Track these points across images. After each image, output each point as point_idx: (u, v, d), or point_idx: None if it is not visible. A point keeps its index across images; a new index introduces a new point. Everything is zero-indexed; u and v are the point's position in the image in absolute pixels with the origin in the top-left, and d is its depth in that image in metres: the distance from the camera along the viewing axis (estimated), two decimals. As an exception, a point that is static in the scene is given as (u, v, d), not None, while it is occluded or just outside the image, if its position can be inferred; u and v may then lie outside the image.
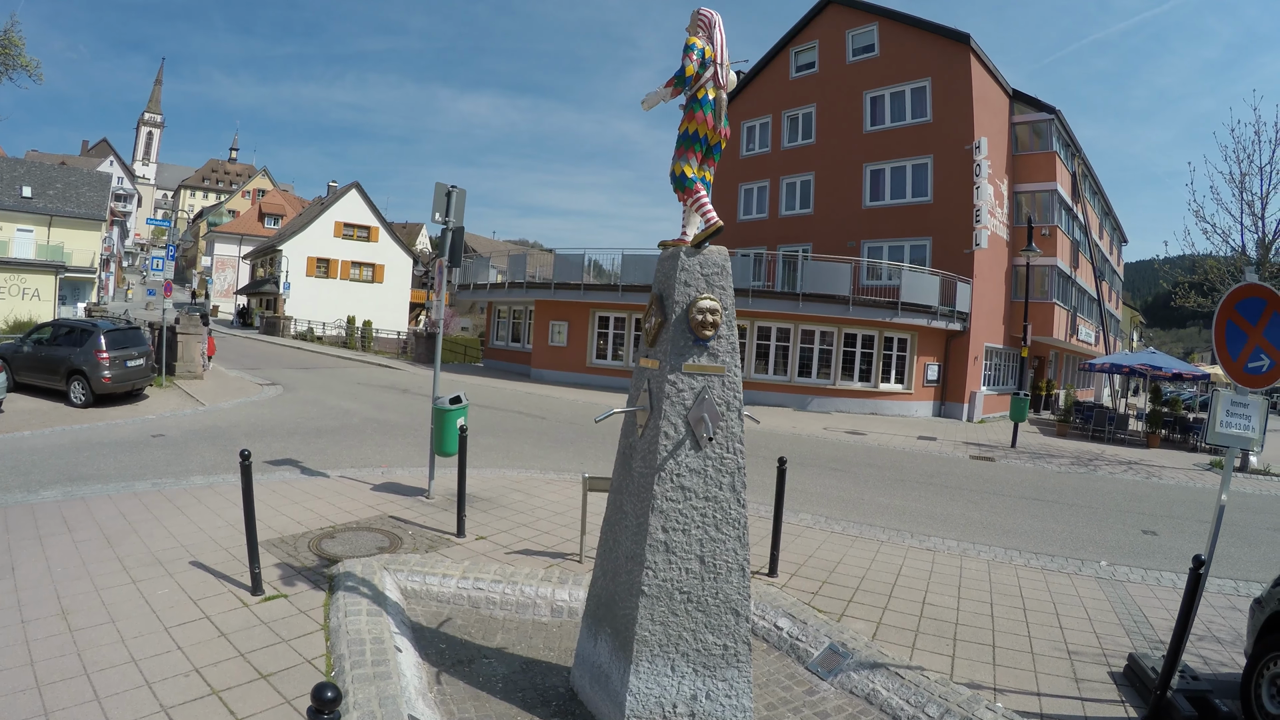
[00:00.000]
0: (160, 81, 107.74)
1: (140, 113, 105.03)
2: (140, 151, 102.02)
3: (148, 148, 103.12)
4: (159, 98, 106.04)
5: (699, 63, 3.52)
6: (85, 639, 4.08)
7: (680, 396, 3.54)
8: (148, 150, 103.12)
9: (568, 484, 9.00)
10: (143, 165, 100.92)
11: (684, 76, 3.52)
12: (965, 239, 22.95)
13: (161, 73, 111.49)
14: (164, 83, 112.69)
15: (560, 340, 24.83)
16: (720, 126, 3.61)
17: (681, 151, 3.63)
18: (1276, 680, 4.07)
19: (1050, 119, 25.93)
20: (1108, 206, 38.73)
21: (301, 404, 15.10)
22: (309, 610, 4.63)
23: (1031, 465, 14.45)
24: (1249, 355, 4.37)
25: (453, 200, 7.89)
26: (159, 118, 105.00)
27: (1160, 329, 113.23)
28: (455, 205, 7.94)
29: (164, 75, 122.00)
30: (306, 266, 48.93)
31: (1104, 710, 4.34)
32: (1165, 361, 20.61)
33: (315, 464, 9.10)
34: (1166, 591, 6.71)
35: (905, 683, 4.41)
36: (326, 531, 6.33)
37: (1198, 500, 12.02)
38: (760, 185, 29.84)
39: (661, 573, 3.52)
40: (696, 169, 3.65)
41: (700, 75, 3.54)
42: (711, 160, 3.69)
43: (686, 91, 3.59)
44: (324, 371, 23.05)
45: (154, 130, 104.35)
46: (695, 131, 3.57)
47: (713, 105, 3.56)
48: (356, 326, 37.92)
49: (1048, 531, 8.82)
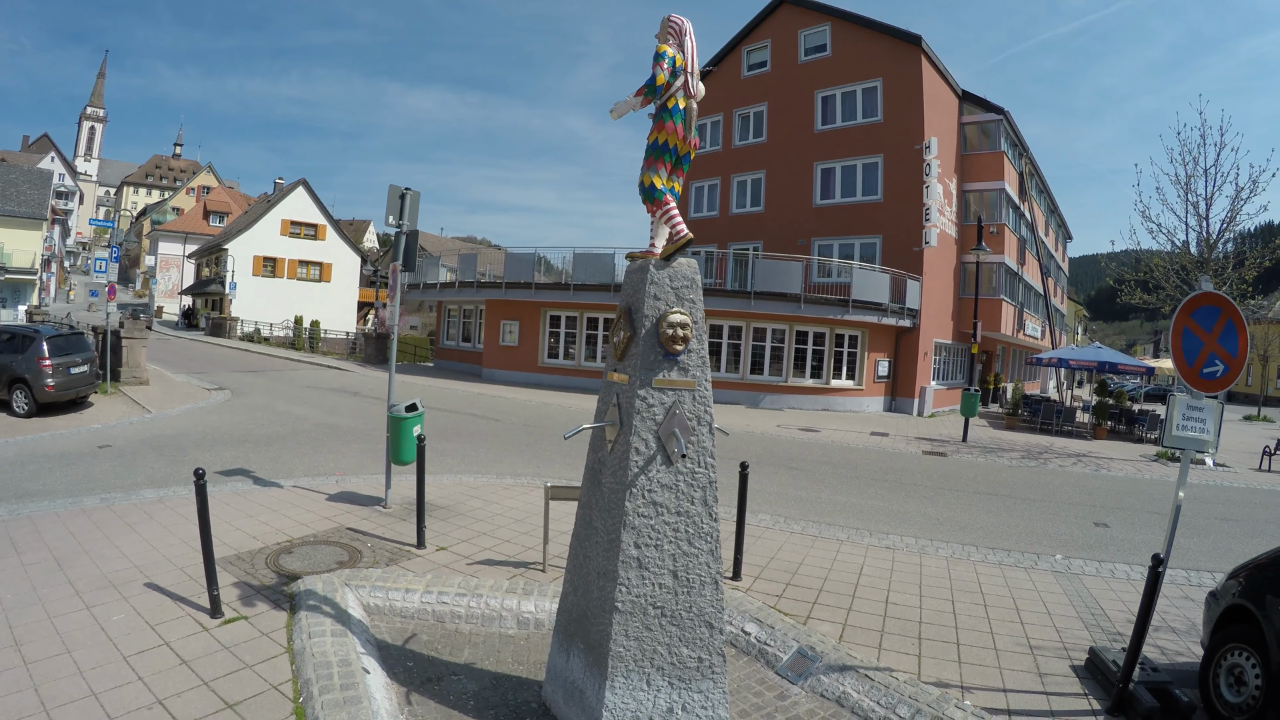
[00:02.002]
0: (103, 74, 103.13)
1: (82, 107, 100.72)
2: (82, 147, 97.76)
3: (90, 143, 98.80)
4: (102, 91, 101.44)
5: (670, 71, 3.45)
6: (42, 672, 3.88)
7: (651, 412, 3.49)
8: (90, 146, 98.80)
9: (526, 489, 8.90)
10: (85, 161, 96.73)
11: (654, 85, 3.44)
12: (915, 237, 23.48)
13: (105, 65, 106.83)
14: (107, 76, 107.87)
15: (511, 340, 24.64)
16: (690, 137, 3.55)
17: (651, 162, 3.56)
18: (1233, 670, 4.25)
19: (999, 120, 26.72)
20: (1053, 204, 40.18)
21: (251, 410, 14.60)
22: (271, 632, 4.45)
23: (983, 460, 14.86)
24: (1204, 361, 4.53)
25: (406, 202, 7.68)
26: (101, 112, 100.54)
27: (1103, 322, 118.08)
28: (409, 208, 7.73)
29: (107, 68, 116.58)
30: (253, 266, 47.72)
31: (1068, 704, 4.46)
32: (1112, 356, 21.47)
33: (268, 474, 8.79)
34: (1121, 584, 6.97)
35: (875, 684, 4.47)
36: (284, 546, 6.10)
37: (1147, 492, 12.54)
38: (711, 183, 30.06)
39: (635, 589, 3.48)
40: (666, 180, 3.58)
41: (670, 84, 3.48)
42: (680, 171, 3.63)
43: (656, 100, 3.52)
44: (272, 375, 22.41)
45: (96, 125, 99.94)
46: (665, 142, 3.50)
47: (683, 115, 3.50)
48: (304, 327, 36.92)
49: (1003, 526, 9.07)
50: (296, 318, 38.63)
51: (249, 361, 26.53)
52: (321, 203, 51.83)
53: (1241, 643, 4.25)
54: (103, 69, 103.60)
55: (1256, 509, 11.54)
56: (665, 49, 3.48)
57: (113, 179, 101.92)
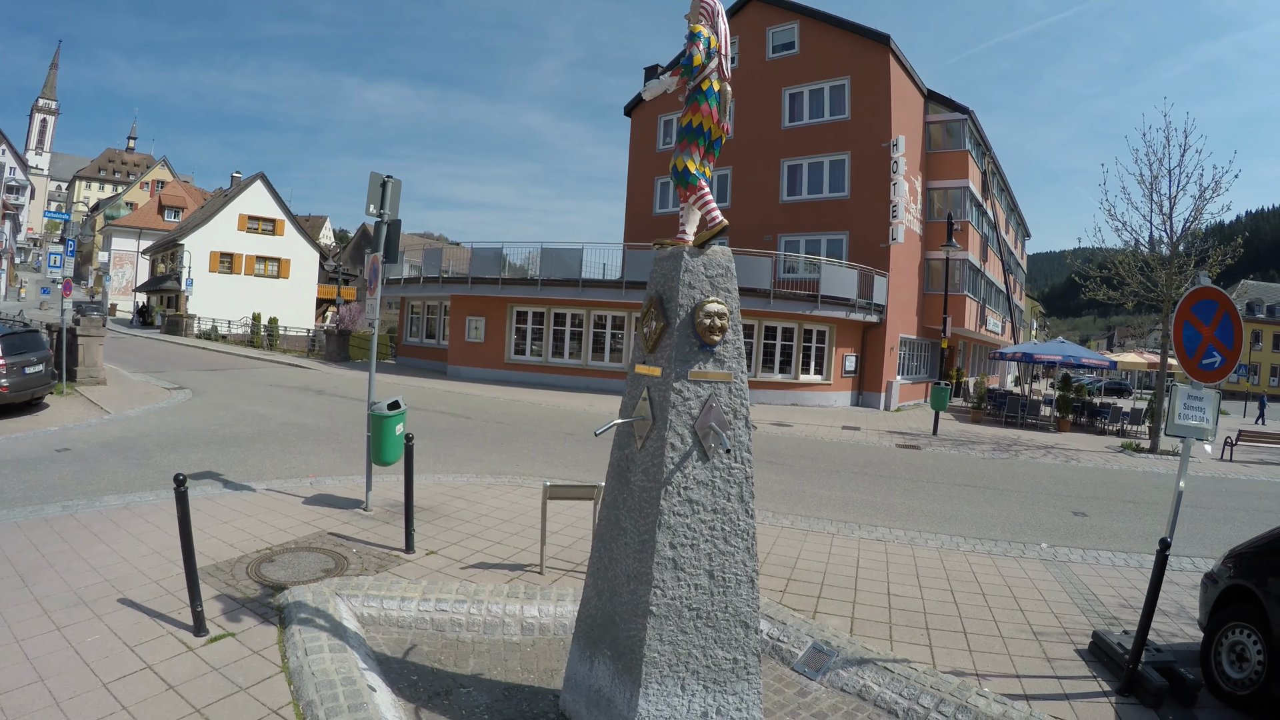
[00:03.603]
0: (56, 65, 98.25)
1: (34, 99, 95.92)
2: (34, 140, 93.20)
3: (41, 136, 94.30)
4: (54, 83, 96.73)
5: (705, 52, 3.31)
6: (14, 705, 3.49)
7: (686, 405, 3.34)
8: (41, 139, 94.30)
9: (509, 489, 8.67)
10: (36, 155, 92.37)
11: (691, 66, 3.30)
12: (881, 233, 23.81)
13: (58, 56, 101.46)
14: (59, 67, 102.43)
15: (477, 336, 24.25)
16: (724, 121, 3.42)
17: (685, 145, 3.41)
18: (1235, 648, 4.38)
19: (963, 119, 27.28)
20: (1013, 202, 41.31)
21: (213, 409, 13.98)
22: (262, 650, 4.13)
23: (956, 452, 15.13)
24: (1203, 353, 4.65)
25: (388, 191, 7.37)
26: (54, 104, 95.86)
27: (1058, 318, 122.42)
28: (391, 196, 7.42)
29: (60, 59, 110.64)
30: (210, 261, 46.45)
31: (1080, 686, 4.51)
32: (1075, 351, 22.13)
33: (238, 477, 8.35)
34: (1107, 570, 7.11)
35: (895, 676, 4.42)
36: (264, 554, 5.76)
37: (1117, 482, 12.93)
38: (677, 179, 29.96)
39: (670, 591, 3.32)
40: (699, 164, 3.43)
41: (705, 65, 3.33)
42: (712, 155, 3.48)
43: (691, 82, 3.36)
44: (233, 373, 21.61)
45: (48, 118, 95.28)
46: (700, 125, 3.35)
47: (717, 98, 3.36)
48: (262, 324, 35.79)
49: (986, 517, 9.19)
50: (255, 315, 37.52)
51: (208, 360, 25.62)
52: (280, 197, 50.66)
53: (1243, 621, 4.36)
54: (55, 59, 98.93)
55: (1225, 496, 11.98)
56: (699, 29, 3.33)
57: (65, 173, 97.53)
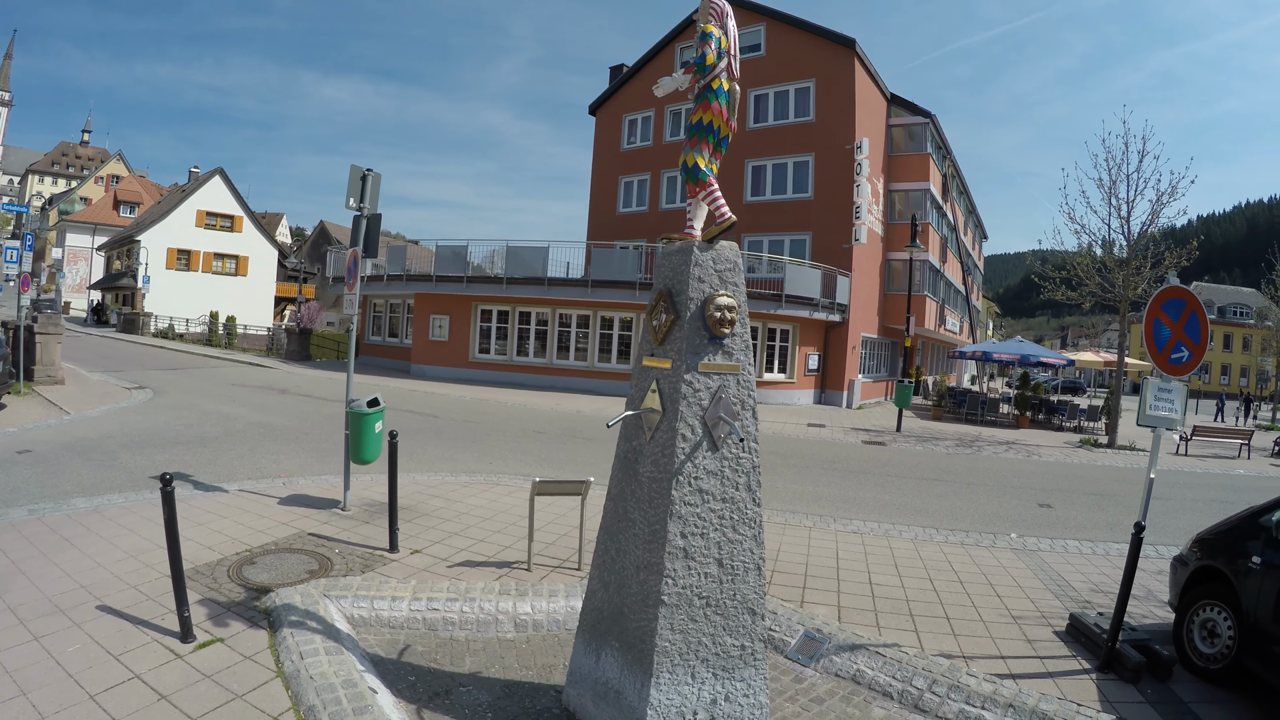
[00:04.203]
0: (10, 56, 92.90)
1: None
2: None
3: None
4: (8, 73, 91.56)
5: (717, 52, 3.40)
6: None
7: (697, 397, 3.38)
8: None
9: (485, 487, 8.63)
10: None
11: (704, 65, 3.40)
12: (844, 234, 24.25)
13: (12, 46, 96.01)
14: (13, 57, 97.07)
15: (441, 335, 24.00)
16: (732, 120, 3.52)
17: (695, 142, 3.49)
18: (1206, 625, 4.65)
19: (925, 123, 27.97)
20: (972, 205, 42.50)
21: (176, 409, 13.54)
22: (254, 655, 4.01)
23: (921, 448, 15.51)
24: (1172, 347, 4.92)
25: (368, 184, 7.23)
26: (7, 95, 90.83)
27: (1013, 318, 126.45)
28: (371, 190, 7.28)
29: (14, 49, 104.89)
30: (166, 258, 45.17)
31: (1061, 665, 4.71)
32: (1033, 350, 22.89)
33: (208, 478, 8.10)
34: (1076, 557, 7.41)
35: (887, 660, 4.54)
36: (244, 557, 5.60)
37: (1078, 475, 13.43)
38: (641, 178, 30.13)
39: (681, 580, 3.36)
40: (708, 160, 3.50)
41: (715, 65, 3.40)
42: (719, 153, 3.58)
43: (701, 80, 3.44)
44: (193, 372, 21.01)
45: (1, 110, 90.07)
46: (710, 123, 3.44)
47: (727, 97, 3.45)
48: (221, 323, 34.93)
49: (955, 509, 9.46)
50: (212, 313, 36.51)
51: (166, 359, 24.87)
52: (239, 193, 49.60)
53: (1213, 600, 4.62)
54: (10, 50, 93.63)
55: (1182, 488, 12.55)
56: (712, 29, 3.43)
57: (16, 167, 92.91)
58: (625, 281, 21.54)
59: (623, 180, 30.65)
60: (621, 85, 31.25)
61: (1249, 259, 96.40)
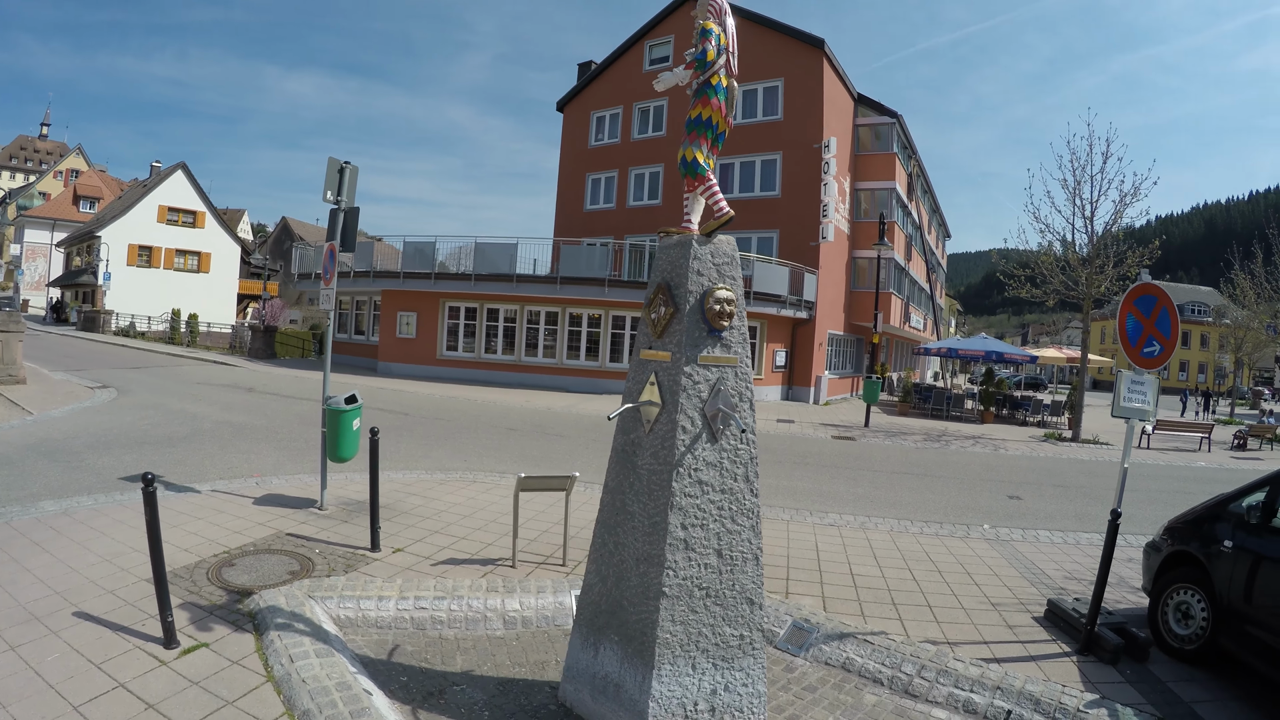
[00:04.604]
0: None
1: None
2: None
3: None
4: None
5: (717, 49, 3.44)
6: None
7: (696, 389, 3.40)
8: None
9: (462, 484, 8.56)
10: None
11: (705, 61, 3.43)
12: (811, 232, 24.55)
13: None
14: None
15: (409, 332, 23.76)
16: (729, 116, 3.56)
17: (693, 137, 3.53)
18: (1180, 607, 4.84)
19: (892, 123, 28.45)
20: (935, 204, 43.38)
21: (142, 409, 13.14)
22: (242, 659, 3.89)
23: (890, 443, 15.80)
24: (1144, 342, 5.10)
25: (346, 177, 7.09)
26: None
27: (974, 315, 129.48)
28: (348, 183, 7.14)
29: None
30: (128, 255, 44.09)
31: (1043, 649, 4.86)
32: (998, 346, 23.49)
33: (179, 478, 7.85)
34: (1047, 546, 7.64)
35: (875, 648, 4.62)
36: (223, 559, 5.44)
37: (1044, 468, 13.82)
38: (608, 175, 30.12)
39: (682, 571, 3.37)
40: (705, 155, 3.53)
41: (715, 62, 3.44)
42: (716, 148, 3.61)
43: (701, 76, 3.48)
44: (157, 371, 20.46)
45: None
46: (709, 118, 3.49)
47: (726, 93, 3.50)
48: (183, 320, 34.17)
49: (928, 502, 9.66)
50: (174, 311, 35.62)
51: (129, 357, 24.20)
52: (201, 188, 48.67)
53: (1187, 584, 4.81)
54: None
55: (1146, 480, 12.95)
56: (712, 26, 3.47)
57: None
58: (594, 279, 21.52)
59: (590, 177, 30.60)
60: (590, 82, 31.16)
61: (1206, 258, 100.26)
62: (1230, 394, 41.32)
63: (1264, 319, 26.78)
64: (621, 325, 22.19)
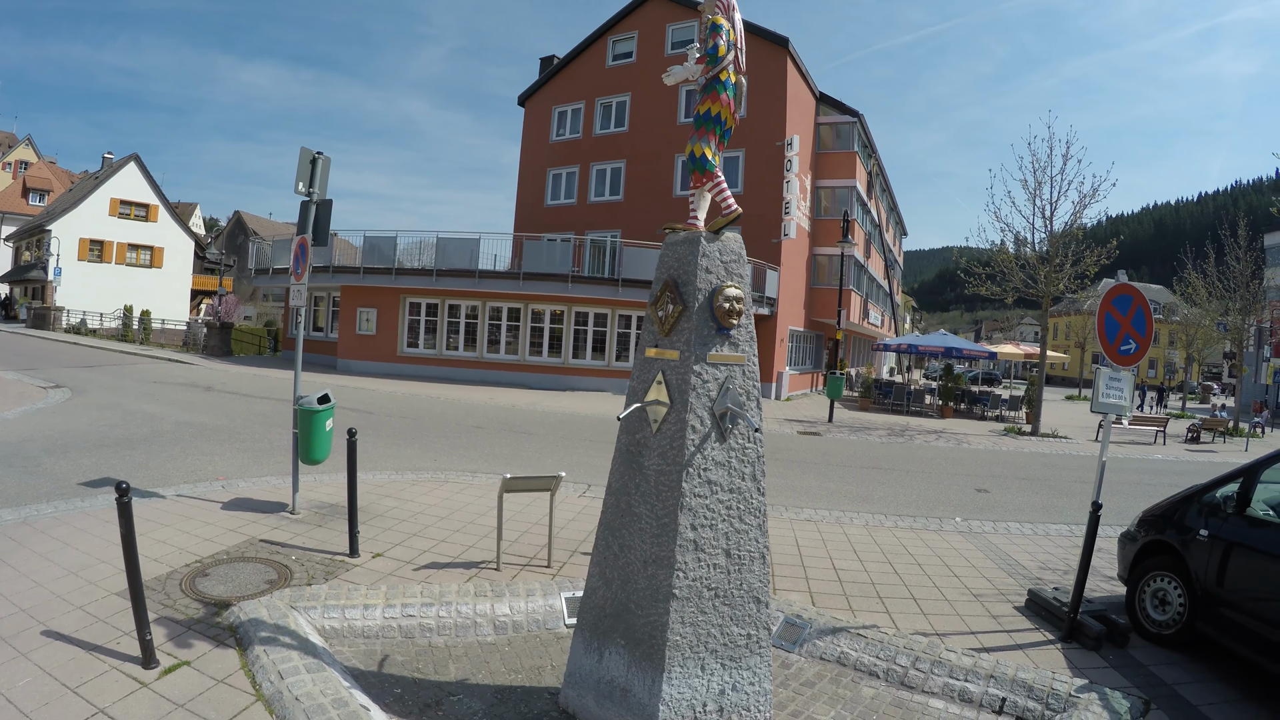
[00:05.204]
0: None
1: None
2: None
3: None
4: None
5: (727, 44, 3.41)
6: None
7: (706, 388, 3.37)
8: None
9: (435, 485, 8.42)
10: None
11: (717, 56, 3.39)
12: (773, 229, 24.81)
13: None
14: None
15: (369, 329, 23.40)
16: (737, 112, 3.54)
17: (702, 133, 3.49)
18: (1158, 594, 5.03)
19: (853, 122, 28.92)
20: (893, 202, 44.29)
21: (98, 409, 12.60)
22: (227, 677, 3.69)
23: (855, 438, 16.08)
24: (1121, 340, 5.29)
25: (318, 168, 6.85)
26: None
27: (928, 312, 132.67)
28: (321, 174, 6.90)
29: None
30: (79, 249, 42.55)
31: (1028, 637, 5.00)
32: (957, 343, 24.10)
33: (142, 482, 7.50)
34: (1019, 538, 7.86)
35: (869, 641, 4.67)
36: (195, 568, 5.20)
37: (1008, 461, 14.23)
38: (570, 170, 29.99)
39: (692, 572, 3.34)
40: (714, 151, 3.50)
41: (724, 57, 3.42)
42: (722, 144, 3.59)
43: (710, 71, 3.44)
44: (111, 370, 19.75)
45: None
46: (718, 114, 3.45)
47: (734, 89, 3.47)
48: (135, 317, 33.08)
49: (899, 496, 9.85)
50: (126, 307, 34.41)
51: (82, 356, 23.30)
52: (155, 181, 47.13)
53: (1163, 571, 5.00)
54: None
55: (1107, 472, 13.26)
56: (721, 21, 3.43)
57: None
58: (557, 275, 21.41)
59: (551, 172, 30.38)
60: (552, 77, 30.88)
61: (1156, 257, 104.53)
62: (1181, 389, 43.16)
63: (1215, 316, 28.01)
64: (584, 321, 22.14)
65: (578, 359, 22.13)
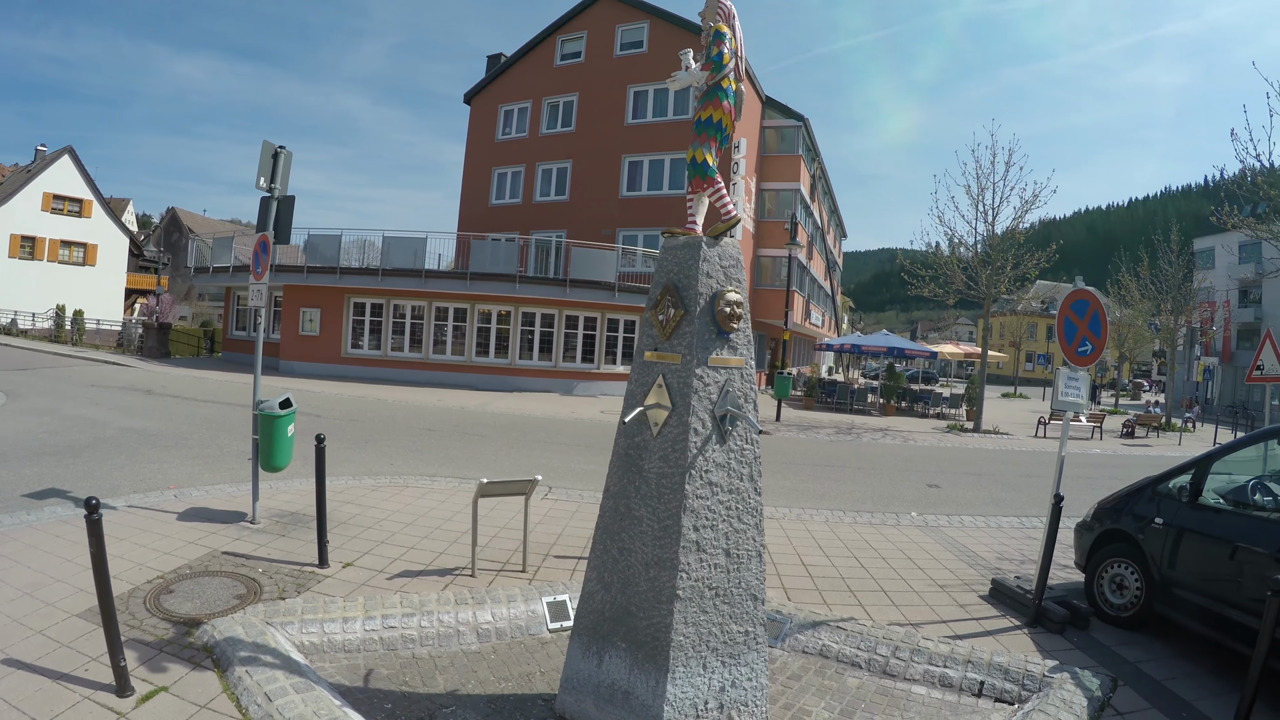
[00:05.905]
0: None
1: None
2: None
3: None
4: None
5: (730, 51, 3.48)
6: None
7: (707, 391, 3.43)
8: None
9: (396, 490, 8.26)
10: None
11: (721, 63, 3.45)
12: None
13: None
14: None
15: (312, 329, 22.76)
16: (737, 119, 3.61)
17: (703, 139, 3.54)
18: (1115, 580, 5.38)
19: (798, 126, 29.60)
20: (834, 204, 45.51)
21: (36, 415, 11.88)
22: (210, 702, 3.51)
23: (804, 436, 16.46)
24: (1079, 342, 5.63)
25: (280, 163, 6.62)
26: None
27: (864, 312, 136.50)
28: (283, 169, 6.67)
29: None
30: (9, 246, 40.15)
31: (996, 624, 5.26)
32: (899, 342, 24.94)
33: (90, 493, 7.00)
34: (974, 530, 8.23)
35: (849, 634, 4.83)
36: (159, 585, 4.94)
37: (954, 457, 14.79)
38: (515, 170, 29.81)
39: (694, 573, 3.40)
40: (714, 158, 3.56)
41: (727, 65, 3.49)
42: (720, 151, 3.66)
43: (713, 78, 3.50)
44: (46, 372, 18.71)
45: None
46: (719, 121, 3.51)
47: (736, 97, 3.53)
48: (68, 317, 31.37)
49: (854, 493, 10.15)
50: (59, 307, 32.47)
51: (13, 358, 22.10)
52: (89, 175, 44.68)
53: (1120, 558, 5.36)
54: None
55: (1048, 466, 14.08)
56: (723, 29, 3.49)
57: None
58: (504, 275, 21.22)
59: (496, 171, 30.11)
60: (499, 75, 30.51)
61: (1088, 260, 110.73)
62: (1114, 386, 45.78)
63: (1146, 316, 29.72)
64: (531, 322, 22.06)
65: (524, 360, 22.01)
